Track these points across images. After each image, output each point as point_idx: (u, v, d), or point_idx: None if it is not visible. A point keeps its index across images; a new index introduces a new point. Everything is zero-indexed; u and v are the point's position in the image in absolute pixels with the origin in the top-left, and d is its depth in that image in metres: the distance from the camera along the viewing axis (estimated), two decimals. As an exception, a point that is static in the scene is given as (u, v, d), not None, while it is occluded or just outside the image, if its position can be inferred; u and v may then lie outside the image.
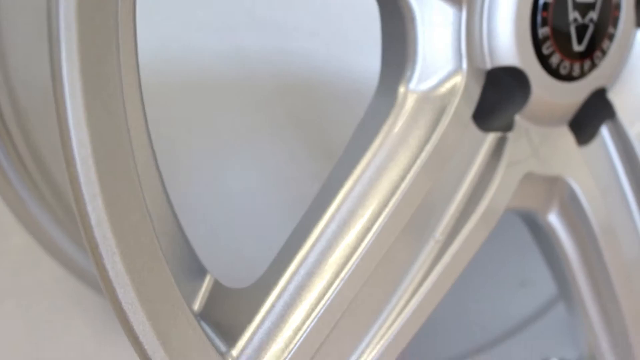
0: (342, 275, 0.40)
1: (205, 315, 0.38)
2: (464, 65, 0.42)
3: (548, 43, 0.45)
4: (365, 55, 0.75)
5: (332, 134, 0.77)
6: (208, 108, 0.74)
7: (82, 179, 0.31)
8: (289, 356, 0.39)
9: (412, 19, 0.41)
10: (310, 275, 0.40)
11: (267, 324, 0.39)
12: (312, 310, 0.40)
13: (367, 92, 0.55)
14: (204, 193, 0.72)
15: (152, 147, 0.38)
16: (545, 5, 0.44)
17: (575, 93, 0.48)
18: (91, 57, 0.30)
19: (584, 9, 0.46)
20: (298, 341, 0.39)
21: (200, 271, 0.39)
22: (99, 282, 0.33)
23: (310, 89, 0.77)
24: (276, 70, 0.76)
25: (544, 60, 0.45)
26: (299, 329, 0.39)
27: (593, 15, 0.46)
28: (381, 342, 0.42)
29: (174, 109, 0.72)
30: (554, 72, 0.46)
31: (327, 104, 0.77)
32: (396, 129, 0.42)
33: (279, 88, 0.76)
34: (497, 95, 0.45)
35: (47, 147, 0.48)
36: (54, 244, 0.61)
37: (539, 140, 0.48)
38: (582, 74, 0.47)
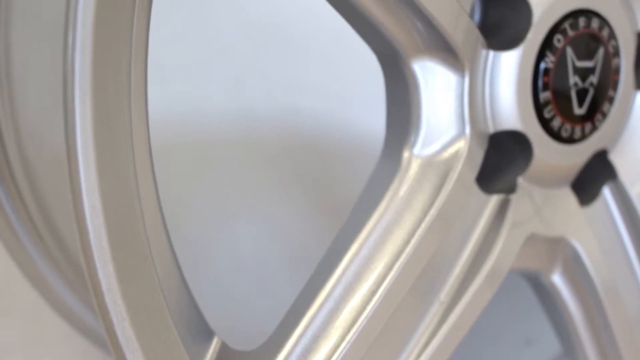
0: (348, 337, 0.41)
1: (213, 378, 0.39)
2: (467, 130, 0.43)
3: (549, 107, 0.46)
4: (372, 114, 0.76)
5: (337, 192, 0.78)
6: (215, 166, 0.75)
7: (94, 246, 0.32)
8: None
9: (416, 85, 0.42)
10: (317, 338, 0.40)
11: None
12: (319, 372, 0.40)
13: (373, 151, 0.56)
14: (212, 251, 0.73)
15: (161, 210, 0.39)
16: (546, 70, 0.45)
17: (577, 155, 0.49)
18: (105, 127, 0.31)
19: (584, 73, 0.47)
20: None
21: (207, 334, 0.39)
22: (109, 346, 0.34)
23: (316, 147, 0.78)
24: (283, 129, 0.77)
25: (545, 123, 0.46)
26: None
27: (593, 79, 0.47)
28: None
29: (182, 167, 0.73)
30: (555, 135, 0.47)
31: (333, 162, 0.78)
32: (401, 193, 0.42)
33: (286, 146, 0.77)
34: (500, 159, 0.46)
35: (57, 206, 0.49)
36: (62, 301, 0.61)
37: (542, 202, 0.48)
38: (584, 137, 0.48)
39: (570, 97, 0.47)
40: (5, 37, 0.46)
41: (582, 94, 0.47)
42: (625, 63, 0.49)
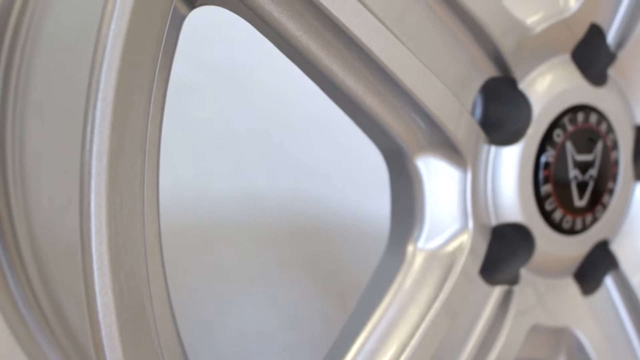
0: None
1: None
2: (470, 224, 0.44)
3: (550, 199, 0.47)
4: (375, 199, 0.77)
5: (341, 274, 0.79)
6: (220, 250, 0.75)
7: (106, 344, 0.32)
8: None
9: (420, 181, 0.44)
10: None
11: None
12: None
13: (377, 235, 0.57)
14: (217, 334, 0.73)
15: (170, 305, 0.40)
16: (547, 164, 0.46)
17: (579, 246, 0.49)
18: (118, 229, 0.32)
19: (584, 167, 0.48)
20: None
21: None
22: None
23: (320, 230, 0.79)
24: (288, 212, 0.78)
25: (547, 215, 0.47)
26: None
27: (593, 172, 0.48)
28: None
29: (188, 251, 0.74)
30: (557, 227, 0.47)
31: (337, 246, 0.78)
32: (405, 287, 0.43)
33: (290, 229, 0.78)
34: (503, 251, 0.47)
35: (68, 299, 0.49)
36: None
37: (545, 292, 0.49)
38: (585, 228, 0.49)
39: (570, 189, 0.48)
40: (21, 128, 0.47)
41: (582, 187, 0.48)
42: (624, 155, 0.50)
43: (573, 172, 0.48)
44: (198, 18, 0.42)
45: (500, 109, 0.45)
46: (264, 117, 0.77)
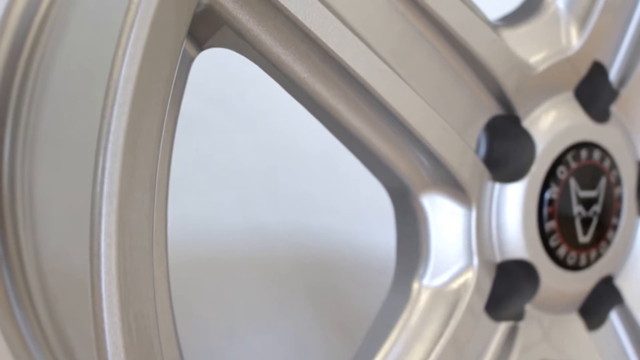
0: None
1: None
2: (475, 261, 0.45)
3: (555, 236, 0.47)
4: (380, 232, 0.78)
5: (346, 308, 0.79)
6: (226, 283, 0.76)
7: (115, 384, 0.33)
8: None
9: (425, 219, 0.44)
10: None
11: None
12: None
13: (382, 268, 0.57)
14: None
15: (178, 342, 0.40)
16: (551, 200, 0.47)
17: (583, 281, 0.50)
18: (127, 272, 0.33)
19: (588, 203, 0.48)
20: None
21: None
22: None
23: (326, 264, 0.79)
24: (293, 245, 0.79)
25: (551, 252, 0.47)
26: None
27: (596, 208, 0.49)
28: None
29: (194, 283, 0.74)
30: (561, 263, 0.48)
31: (342, 280, 0.79)
32: (411, 324, 0.43)
33: (296, 263, 0.78)
34: (508, 287, 0.47)
35: (76, 338, 0.50)
36: None
37: (550, 327, 0.49)
38: (589, 264, 0.49)
39: (574, 225, 0.48)
40: (30, 167, 0.48)
41: (586, 223, 0.48)
42: (627, 191, 0.50)
43: (577, 209, 0.48)
44: (205, 53, 0.43)
45: (504, 147, 0.46)
46: (270, 151, 0.78)
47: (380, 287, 0.53)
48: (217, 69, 0.72)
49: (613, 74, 0.50)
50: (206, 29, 0.37)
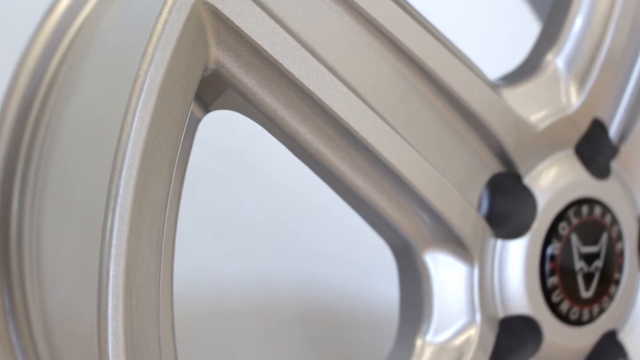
0: None
1: None
2: (478, 317, 0.45)
3: (557, 291, 0.47)
4: (385, 280, 0.78)
5: (350, 358, 0.79)
6: (230, 333, 0.76)
7: None
8: None
9: (427, 276, 0.44)
10: None
11: None
12: None
13: (386, 317, 0.57)
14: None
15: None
16: (553, 256, 0.47)
17: (586, 337, 0.50)
18: (134, 328, 0.33)
19: (590, 258, 0.49)
20: None
21: None
22: None
23: (329, 312, 0.79)
24: (297, 295, 0.79)
25: (554, 307, 0.47)
26: None
27: (598, 263, 0.49)
28: None
29: (198, 335, 0.74)
30: (564, 318, 0.48)
31: (346, 328, 0.79)
32: (415, 381, 0.44)
33: (299, 312, 0.78)
34: (511, 343, 0.47)
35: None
36: None
37: (554, 383, 0.49)
38: (592, 319, 0.49)
39: (577, 281, 0.48)
40: (38, 227, 0.48)
41: (588, 278, 0.49)
42: (629, 246, 0.51)
43: (579, 264, 0.48)
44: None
45: (506, 204, 0.46)
46: (274, 203, 0.79)
47: (385, 337, 0.53)
48: (222, 123, 0.73)
49: (613, 131, 0.51)
50: (212, 92, 0.38)
